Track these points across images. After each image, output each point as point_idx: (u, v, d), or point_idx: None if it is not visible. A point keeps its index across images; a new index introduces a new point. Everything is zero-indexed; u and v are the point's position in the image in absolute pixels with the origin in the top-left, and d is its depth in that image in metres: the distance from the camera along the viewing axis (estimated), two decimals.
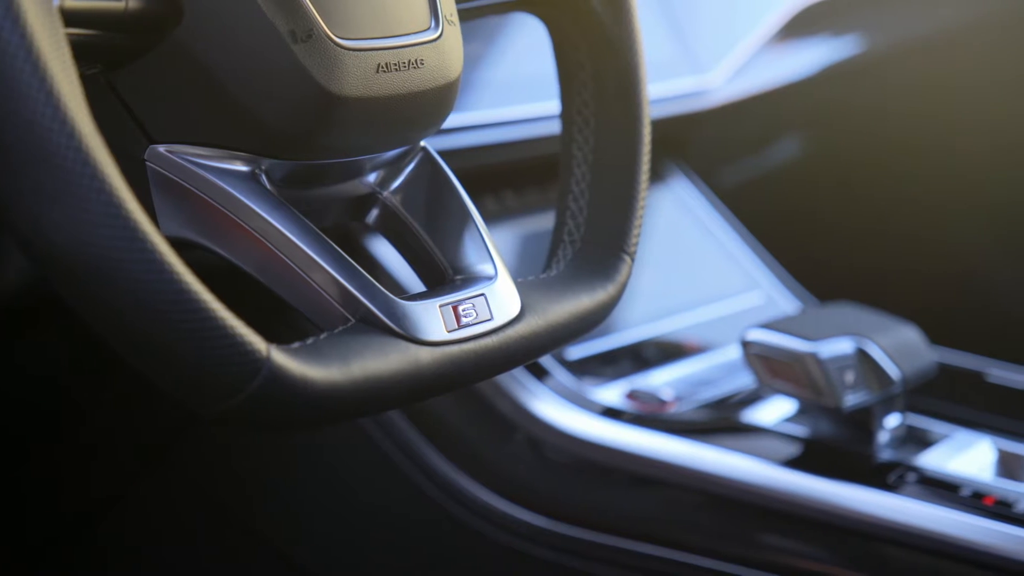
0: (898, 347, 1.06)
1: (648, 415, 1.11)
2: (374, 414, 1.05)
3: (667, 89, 1.30)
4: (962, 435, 1.09)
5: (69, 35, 0.60)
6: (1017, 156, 1.83)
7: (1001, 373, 1.21)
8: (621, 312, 1.24)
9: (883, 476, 1.03)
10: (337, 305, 0.68)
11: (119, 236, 0.57)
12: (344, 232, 1.10)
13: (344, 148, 0.72)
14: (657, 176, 1.36)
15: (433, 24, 0.74)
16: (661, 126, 1.32)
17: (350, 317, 0.68)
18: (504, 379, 1.08)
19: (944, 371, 1.12)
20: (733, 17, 1.42)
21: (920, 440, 1.09)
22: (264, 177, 0.70)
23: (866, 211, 1.80)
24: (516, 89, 1.18)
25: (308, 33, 0.67)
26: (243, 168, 0.69)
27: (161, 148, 0.68)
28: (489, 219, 1.20)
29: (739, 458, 1.05)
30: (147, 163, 0.68)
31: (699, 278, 1.32)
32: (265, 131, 0.68)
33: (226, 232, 0.68)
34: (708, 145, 1.42)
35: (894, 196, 1.81)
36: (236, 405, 0.61)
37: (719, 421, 1.12)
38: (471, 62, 1.18)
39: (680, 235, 1.34)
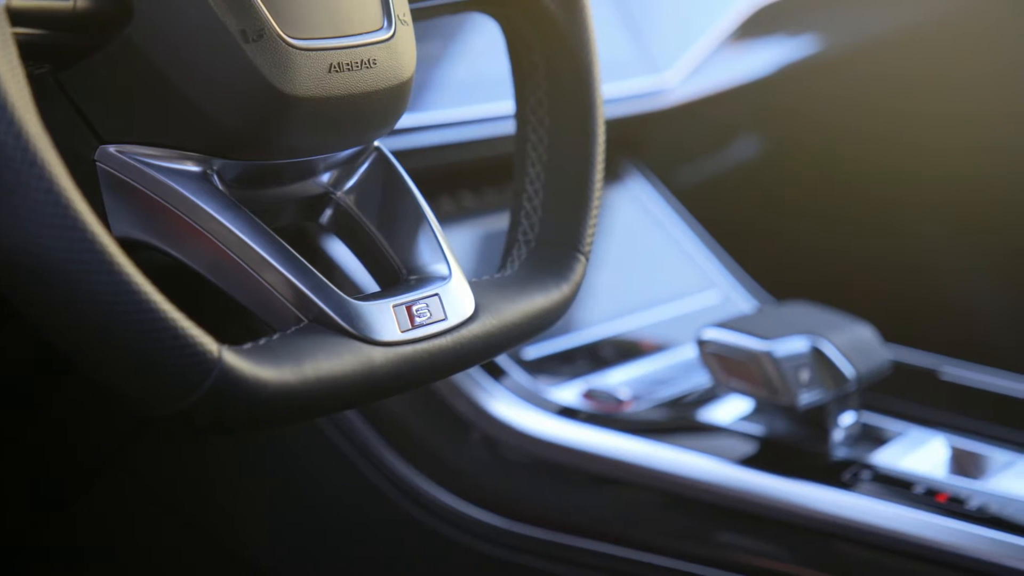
0: (852, 346, 1.07)
1: (605, 414, 1.11)
2: (327, 415, 1.05)
3: (623, 89, 1.30)
4: (916, 433, 1.10)
5: (16, 35, 0.60)
6: (973, 155, 1.84)
7: (954, 371, 1.22)
8: (578, 312, 1.24)
9: (838, 474, 1.04)
10: (290, 305, 0.68)
11: (66, 237, 0.57)
12: (300, 232, 1.10)
13: (296, 148, 0.72)
14: (614, 176, 1.36)
15: (386, 24, 0.73)
16: (618, 126, 1.32)
17: (303, 317, 0.68)
18: (461, 379, 1.08)
19: (898, 369, 1.13)
20: (689, 17, 1.42)
21: (874, 438, 1.10)
22: (216, 177, 0.69)
23: (822, 210, 1.81)
24: (476, 89, 1.18)
25: (259, 33, 0.67)
26: (194, 168, 0.68)
27: (111, 148, 0.68)
28: (446, 219, 1.20)
29: (696, 457, 1.05)
30: (97, 163, 0.68)
31: (656, 277, 1.32)
32: (216, 131, 0.68)
33: (177, 233, 0.67)
34: (665, 145, 1.43)
35: (850, 195, 1.82)
36: (187, 407, 0.61)
37: (675, 420, 1.13)
38: (430, 62, 1.18)
39: (637, 235, 1.34)
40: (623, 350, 1.22)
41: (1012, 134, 1.83)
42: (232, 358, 0.62)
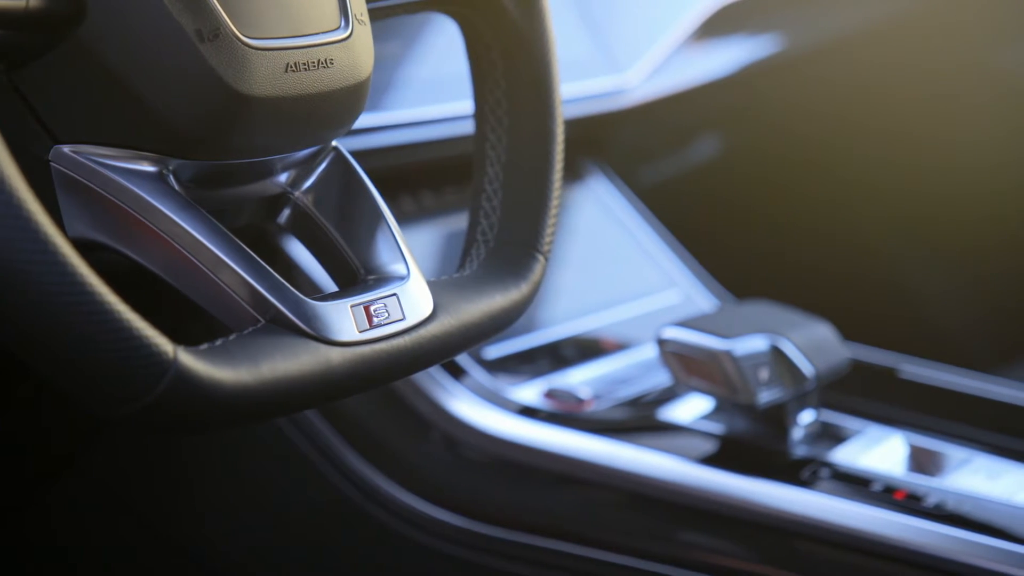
0: (811, 344, 1.07)
1: (565, 414, 1.11)
2: (285, 415, 1.04)
3: (584, 88, 1.30)
4: (874, 430, 1.11)
5: None
6: (930, 155, 1.85)
7: (913, 369, 1.23)
8: (539, 311, 1.24)
9: (797, 472, 1.04)
10: (246, 306, 0.68)
11: (18, 237, 0.57)
12: (261, 232, 1.10)
13: (253, 148, 0.71)
14: (576, 175, 1.36)
15: (343, 23, 0.73)
16: (579, 125, 1.32)
17: (259, 318, 0.68)
18: (421, 378, 1.08)
19: (857, 367, 1.13)
20: (651, 17, 1.43)
21: (833, 436, 1.10)
22: (172, 177, 0.69)
23: (783, 210, 1.81)
24: (439, 88, 1.18)
25: (215, 32, 0.66)
26: (150, 168, 0.68)
27: (66, 148, 0.67)
28: (407, 219, 1.20)
29: (656, 456, 1.06)
30: (51, 164, 0.67)
31: (617, 277, 1.32)
32: (172, 131, 0.67)
33: (132, 233, 0.67)
34: (627, 144, 1.43)
35: (810, 195, 1.83)
36: (143, 408, 0.61)
37: (636, 419, 1.13)
38: (393, 61, 1.18)
39: (599, 234, 1.34)
40: (584, 349, 1.22)
41: (969, 133, 1.85)
42: (188, 359, 0.62)
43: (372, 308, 0.73)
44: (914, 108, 1.85)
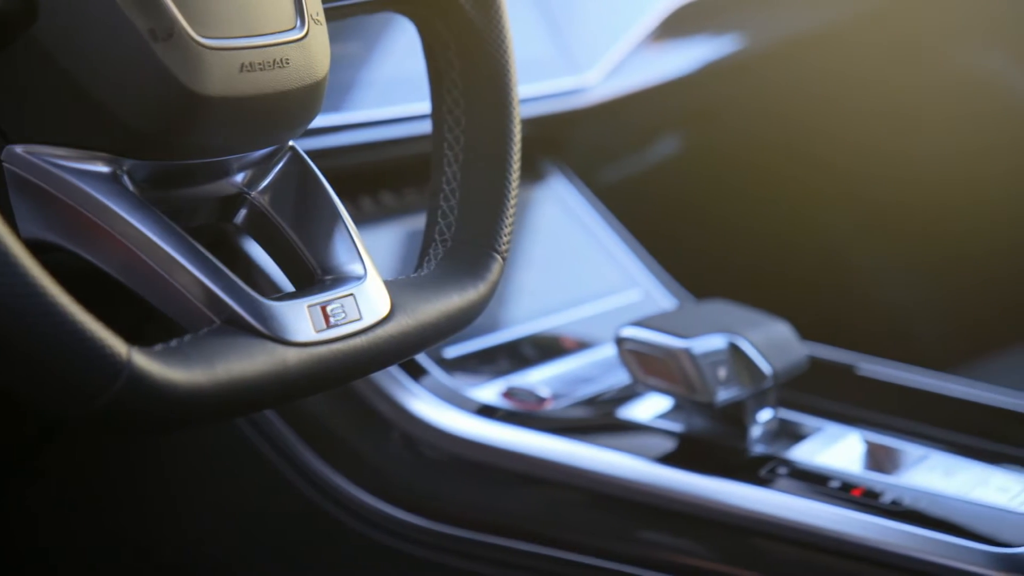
0: (770, 343, 1.08)
1: (525, 413, 1.11)
2: (241, 416, 1.04)
3: (543, 88, 1.30)
4: (832, 428, 1.11)
5: None
6: (890, 153, 1.87)
7: (870, 367, 1.24)
8: (500, 311, 1.24)
9: (755, 470, 1.05)
10: (201, 306, 0.68)
11: None
12: (222, 232, 1.09)
13: (208, 148, 0.71)
14: (536, 175, 1.36)
15: (298, 23, 0.73)
16: (538, 125, 1.33)
17: (215, 318, 0.68)
18: (380, 377, 1.08)
19: (815, 366, 1.14)
20: (610, 16, 1.43)
21: (791, 434, 1.11)
22: (127, 178, 0.69)
23: (742, 210, 1.82)
24: (400, 88, 1.18)
25: (169, 32, 0.66)
26: (104, 169, 0.68)
27: (18, 149, 0.67)
28: (367, 219, 1.20)
29: (615, 455, 1.06)
30: (4, 164, 0.67)
31: (577, 277, 1.32)
32: (126, 131, 0.67)
33: (86, 234, 0.67)
34: (586, 144, 1.43)
35: (769, 195, 1.84)
36: (97, 409, 0.60)
37: (595, 418, 1.13)
38: (354, 61, 1.18)
39: (559, 234, 1.34)
40: (543, 349, 1.22)
41: (928, 134, 1.86)
42: (141, 360, 0.61)
43: (329, 308, 0.73)
44: (873, 109, 1.86)
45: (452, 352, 1.15)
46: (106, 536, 1.20)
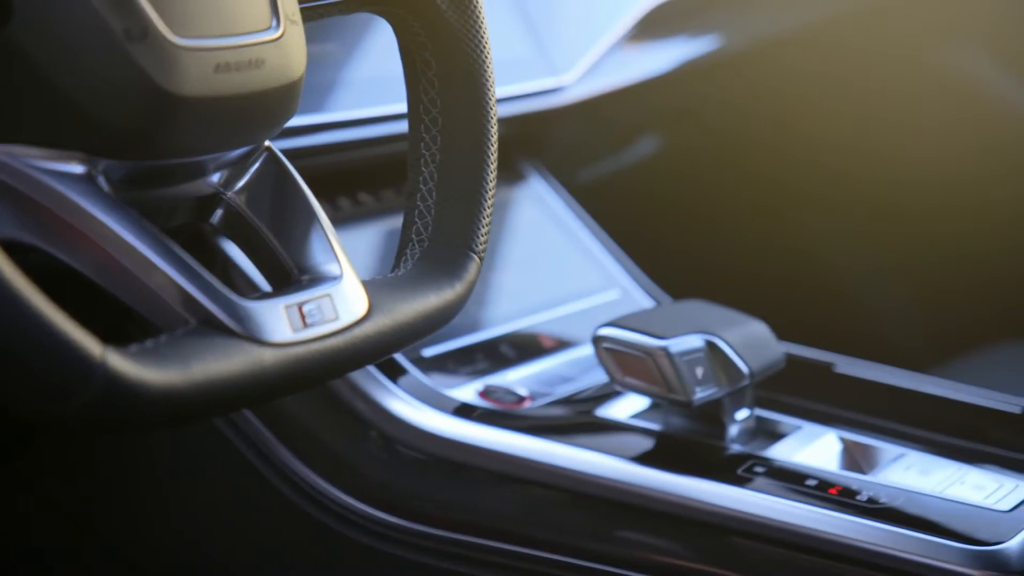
0: (747, 342, 1.08)
1: (502, 412, 1.11)
2: (217, 416, 1.04)
3: (520, 88, 1.30)
4: (809, 427, 1.12)
5: None
6: (867, 154, 1.87)
7: (847, 367, 1.24)
8: (477, 311, 1.24)
9: (733, 469, 1.05)
10: (177, 307, 0.68)
11: None
12: (199, 232, 1.09)
13: (183, 148, 0.71)
14: (514, 175, 1.36)
15: (274, 23, 0.73)
16: (516, 125, 1.33)
17: (190, 319, 0.68)
18: (358, 376, 1.08)
19: (792, 365, 1.14)
20: (588, 17, 1.43)
21: (769, 433, 1.11)
22: (102, 178, 0.69)
23: (719, 210, 1.82)
24: (381, 88, 1.18)
25: (144, 32, 0.66)
26: (79, 169, 0.68)
27: None
28: (345, 219, 1.20)
29: (592, 454, 1.06)
30: None
31: (556, 277, 1.33)
32: (101, 131, 0.67)
33: (61, 235, 0.67)
34: (564, 144, 1.43)
35: (747, 196, 1.84)
36: (70, 410, 0.60)
37: (573, 417, 1.13)
38: (333, 62, 1.18)
39: (536, 234, 1.34)
40: (521, 349, 1.22)
41: (907, 133, 1.86)
42: (116, 360, 0.61)
43: (305, 308, 0.73)
44: (852, 110, 1.86)
45: (430, 351, 1.16)
46: (91, 537, 1.20)
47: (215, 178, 0.77)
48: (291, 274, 0.77)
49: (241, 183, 0.78)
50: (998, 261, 1.83)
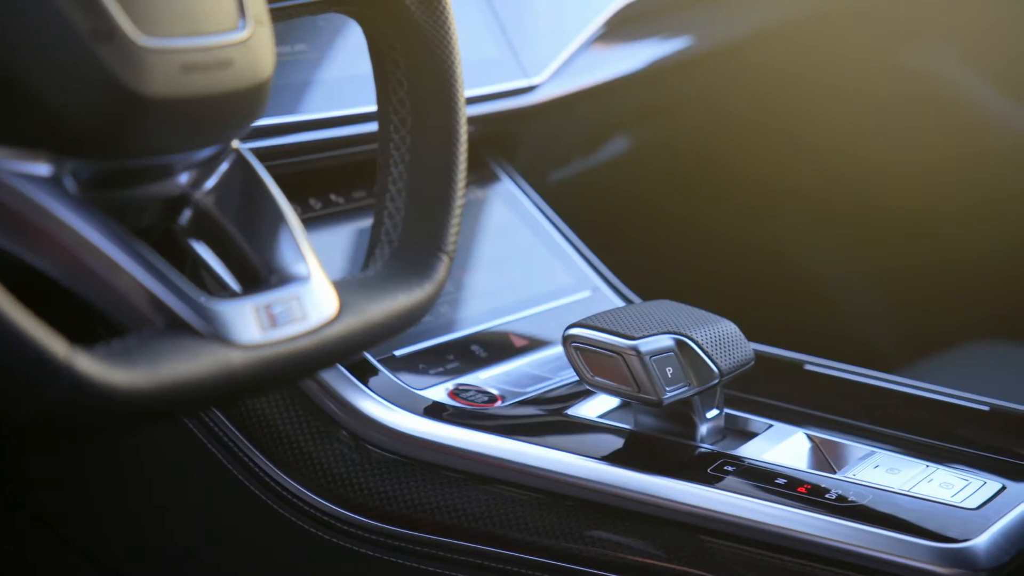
0: (717, 341, 1.08)
1: (473, 411, 1.11)
2: (185, 416, 1.04)
3: (491, 88, 1.31)
4: (779, 426, 1.12)
5: None
6: (836, 157, 1.88)
7: (817, 366, 1.25)
8: (448, 311, 1.24)
9: (703, 468, 1.05)
10: (144, 308, 0.68)
11: None
12: (169, 233, 1.09)
13: (151, 148, 0.71)
14: (484, 176, 1.36)
15: (241, 24, 0.73)
16: (487, 125, 1.33)
17: (158, 320, 0.68)
18: (329, 377, 1.08)
19: (762, 364, 1.15)
20: (559, 16, 1.44)
21: (739, 432, 1.12)
22: (69, 179, 0.69)
23: (689, 211, 1.83)
24: (351, 88, 1.18)
25: (110, 32, 0.66)
26: (45, 170, 0.68)
27: None
28: (316, 220, 1.20)
29: (563, 454, 1.06)
30: None
31: (527, 277, 1.33)
32: (68, 131, 0.67)
33: (26, 236, 0.67)
34: (536, 144, 1.44)
35: (716, 196, 1.85)
36: (36, 412, 0.60)
37: (543, 417, 1.13)
38: (303, 63, 1.17)
39: (508, 234, 1.35)
40: (492, 349, 1.22)
41: (876, 135, 1.87)
42: (83, 361, 0.61)
43: (274, 309, 0.73)
44: (823, 111, 1.87)
45: (401, 351, 1.16)
46: (60, 539, 1.20)
47: (183, 179, 0.77)
48: (260, 275, 0.77)
49: (210, 184, 0.78)
50: (967, 263, 1.85)
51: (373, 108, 0.91)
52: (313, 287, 0.76)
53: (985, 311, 1.82)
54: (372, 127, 0.99)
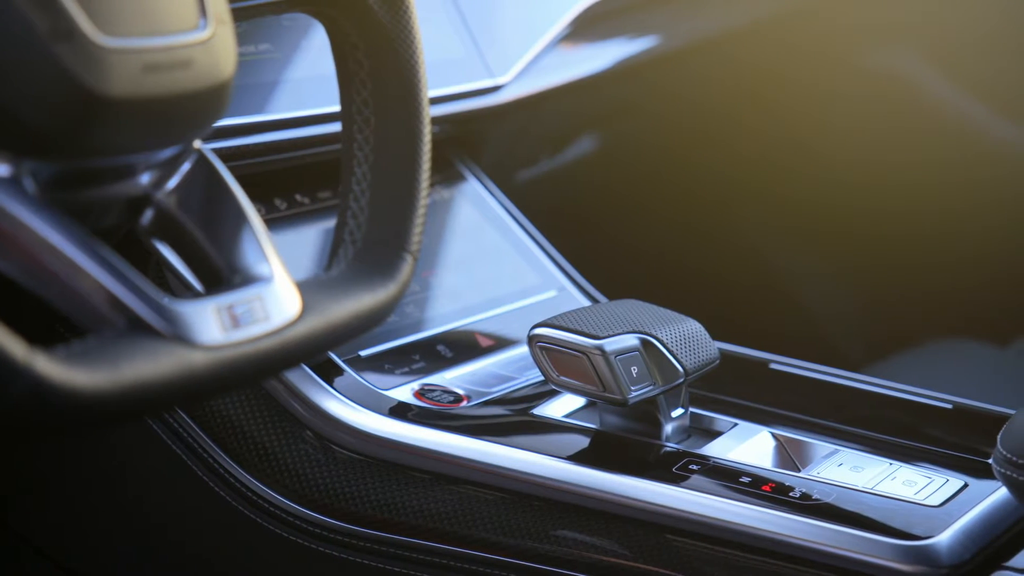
0: (682, 340, 1.08)
1: (439, 411, 1.11)
2: (147, 417, 1.04)
3: (456, 88, 1.30)
4: (744, 425, 1.13)
5: None
6: (801, 157, 1.89)
7: (781, 365, 1.25)
8: (414, 311, 1.24)
9: (669, 467, 1.05)
10: (104, 309, 0.68)
11: None
12: (133, 233, 1.09)
13: (111, 149, 0.71)
14: (450, 176, 1.36)
15: (203, 24, 0.73)
16: (452, 125, 1.33)
17: (119, 321, 0.68)
18: (294, 377, 1.08)
19: (727, 363, 1.15)
20: (524, 16, 1.44)
21: (704, 431, 1.12)
22: (29, 179, 0.68)
23: (656, 210, 1.83)
24: (316, 88, 1.18)
25: (69, 32, 0.66)
26: (3, 170, 0.67)
27: None
28: (282, 220, 1.20)
29: (529, 454, 1.06)
30: None
31: (492, 277, 1.33)
32: (27, 132, 0.67)
33: None
34: (501, 144, 1.44)
35: (682, 196, 1.85)
36: None
37: (509, 416, 1.13)
38: (267, 63, 1.17)
39: (474, 234, 1.35)
40: (458, 349, 1.22)
41: (841, 136, 1.88)
42: (43, 363, 0.61)
43: (236, 309, 0.73)
44: (789, 110, 1.88)
45: (366, 352, 1.15)
46: (22, 540, 1.19)
47: (145, 179, 0.76)
48: (223, 275, 0.77)
49: (171, 184, 0.78)
50: (932, 263, 1.86)
51: (338, 108, 0.90)
52: (276, 287, 0.76)
53: (949, 311, 1.83)
54: (338, 127, 0.99)
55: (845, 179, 1.88)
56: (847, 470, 1.06)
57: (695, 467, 1.05)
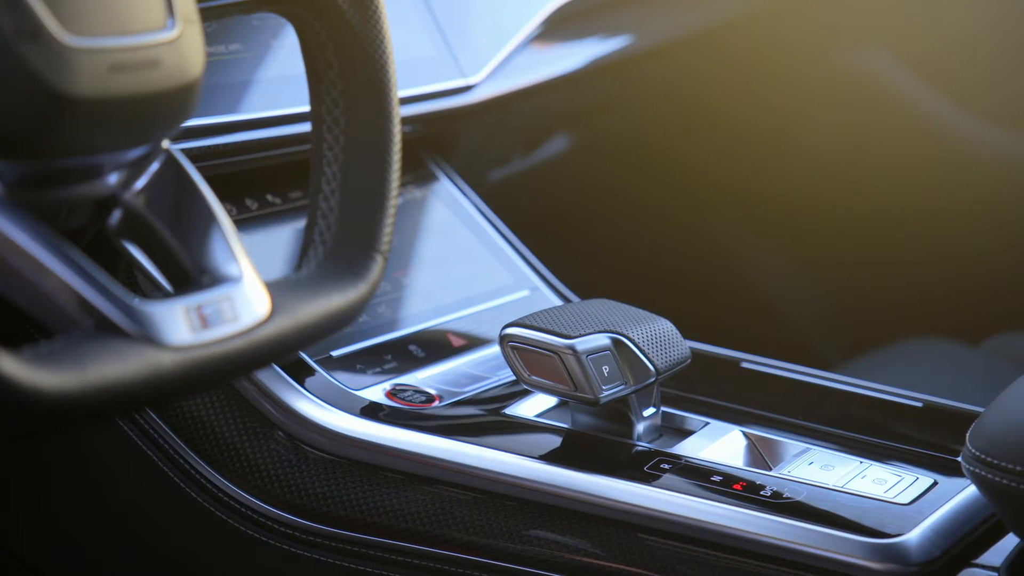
0: (653, 340, 1.09)
1: (410, 411, 1.11)
2: (115, 417, 1.03)
3: (427, 87, 1.30)
4: (715, 424, 1.13)
5: None
6: (771, 156, 1.89)
7: (753, 364, 1.26)
8: (386, 311, 1.24)
9: (641, 466, 1.06)
10: (71, 310, 0.67)
11: None
12: (102, 233, 1.08)
13: (77, 149, 0.71)
14: (422, 176, 1.36)
15: (170, 23, 0.73)
16: (424, 125, 1.33)
17: (87, 322, 0.67)
18: (265, 377, 1.08)
19: (699, 362, 1.15)
20: (496, 16, 1.44)
21: (675, 430, 1.12)
22: None
23: (628, 210, 1.84)
24: (287, 88, 1.18)
25: (35, 31, 0.66)
26: None
27: None
28: (253, 220, 1.19)
29: (501, 454, 1.06)
30: None
31: (464, 276, 1.33)
32: None
33: None
34: (473, 144, 1.44)
35: (654, 195, 1.85)
36: None
37: (481, 416, 1.14)
38: (237, 62, 1.17)
39: (446, 234, 1.35)
40: (430, 349, 1.22)
41: (813, 135, 1.89)
42: (9, 364, 0.61)
43: (205, 310, 0.73)
44: (760, 109, 1.88)
45: (338, 352, 1.15)
46: None
47: (112, 179, 0.76)
48: (191, 276, 0.77)
49: (140, 184, 0.77)
50: (901, 262, 1.86)
51: (308, 108, 0.90)
52: (245, 288, 0.75)
53: (920, 310, 1.84)
54: (308, 127, 0.99)
55: (815, 178, 1.89)
56: (818, 468, 1.06)
57: (667, 466, 1.06)
